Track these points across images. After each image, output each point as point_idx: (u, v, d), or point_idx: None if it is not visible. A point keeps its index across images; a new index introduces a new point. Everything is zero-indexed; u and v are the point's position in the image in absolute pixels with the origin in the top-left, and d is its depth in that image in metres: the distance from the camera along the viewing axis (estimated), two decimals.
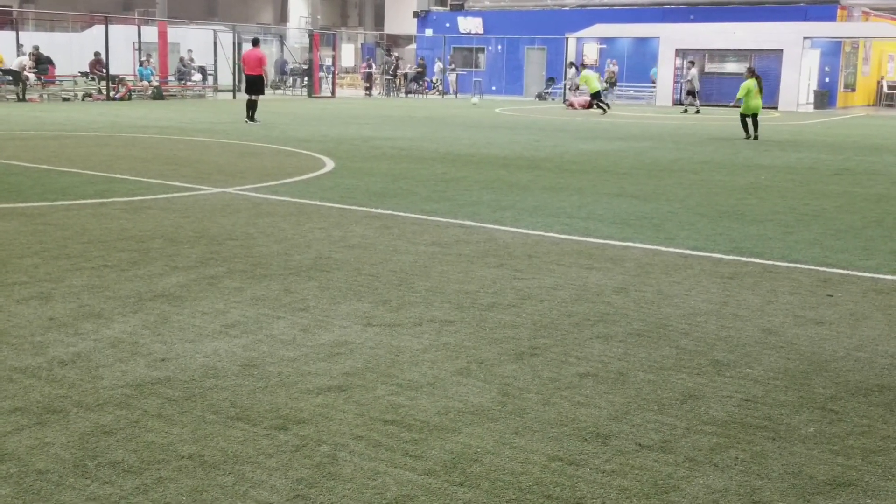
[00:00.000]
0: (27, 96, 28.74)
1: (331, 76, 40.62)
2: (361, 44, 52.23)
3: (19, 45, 31.26)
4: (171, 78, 34.65)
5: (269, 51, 42.23)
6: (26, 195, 9.58)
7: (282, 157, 13.97)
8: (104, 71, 30.87)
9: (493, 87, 43.06)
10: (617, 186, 11.60)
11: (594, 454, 3.52)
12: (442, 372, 4.41)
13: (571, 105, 31.42)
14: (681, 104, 34.11)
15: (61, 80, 31.05)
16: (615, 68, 30.03)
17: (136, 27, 35.97)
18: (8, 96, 28.81)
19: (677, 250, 7.56)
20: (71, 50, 32.41)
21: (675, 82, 36.96)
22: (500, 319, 5.36)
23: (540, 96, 40.34)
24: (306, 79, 39.34)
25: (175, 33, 36.61)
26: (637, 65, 32.98)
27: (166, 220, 8.31)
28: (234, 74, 34.30)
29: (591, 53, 41.44)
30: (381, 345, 4.82)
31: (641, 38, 39.67)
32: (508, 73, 42.82)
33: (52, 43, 32.45)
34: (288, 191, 10.29)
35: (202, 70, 35.85)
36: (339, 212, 9.03)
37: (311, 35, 39.15)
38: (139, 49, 33.94)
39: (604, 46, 41.45)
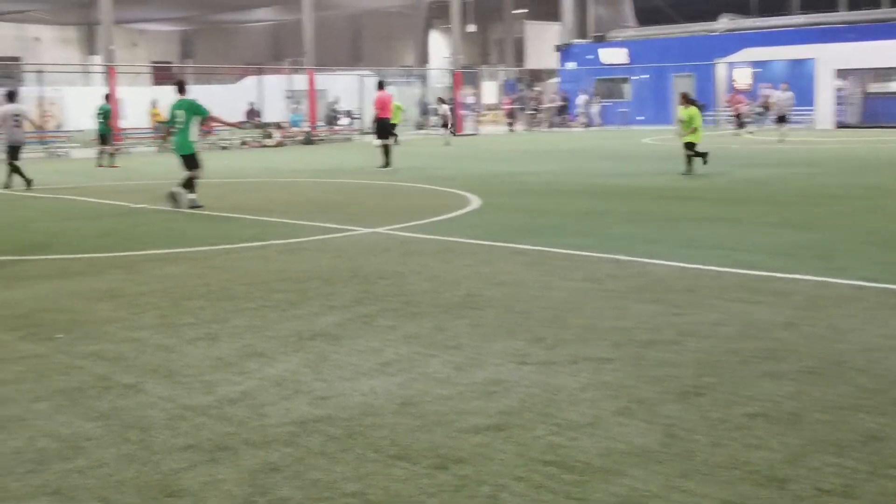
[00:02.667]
0: None
1: (474, 114, 41.09)
2: (503, 80, 52.67)
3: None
4: (320, 123, 35.88)
5: (412, 92, 43.15)
6: (191, 240, 10.04)
7: (428, 196, 14.17)
8: (258, 119, 32.29)
9: (640, 117, 42.47)
10: (778, 215, 11.15)
11: (770, 499, 3.33)
12: (602, 412, 4.30)
13: None
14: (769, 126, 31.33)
15: (219, 130, 32.65)
16: (786, 94, 28.54)
17: (287, 76, 37.55)
18: (170, 147, 30.51)
19: (849, 282, 7.14)
20: (227, 100, 34.09)
21: (838, 104, 35.40)
22: (660, 357, 5.19)
23: None
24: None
25: (323, 80, 37.95)
26: (792, 88, 31.79)
27: (321, 260, 8.52)
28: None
29: (742, 78, 40.30)
30: (538, 383, 4.75)
31: (796, 59, 38.31)
32: (655, 102, 42.12)
33: (209, 95, 34.24)
34: (435, 229, 10.39)
35: (349, 114, 36.98)
36: (487, 249, 9.04)
37: (452, 74, 39.79)
38: (290, 97, 35.38)
39: (758, 70, 40.23)
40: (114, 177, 19.50)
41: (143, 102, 32.47)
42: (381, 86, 21.71)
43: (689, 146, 17.09)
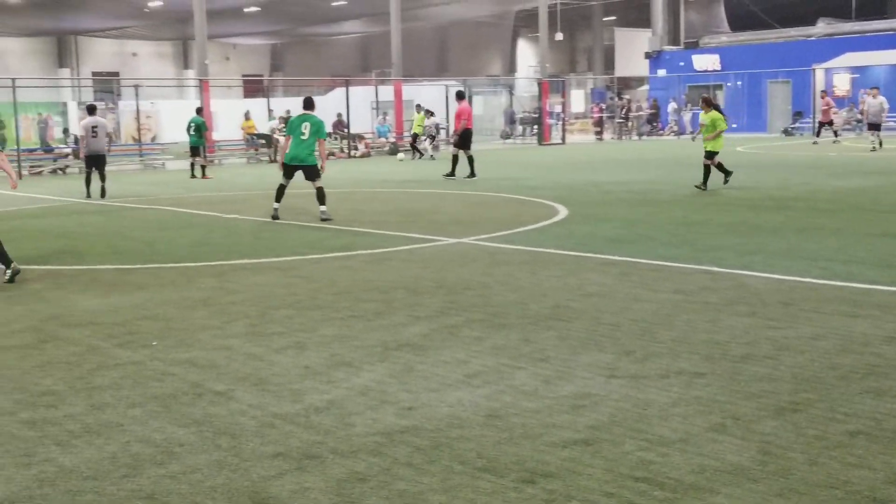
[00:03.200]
0: (278, 157, 30.90)
1: (561, 123, 40.86)
2: (591, 88, 52.25)
3: (270, 111, 33.79)
4: (406, 134, 36.14)
5: (499, 101, 43.10)
6: (279, 250, 10.20)
7: (514, 206, 14.12)
8: (346, 130, 32.70)
9: (734, 125, 41.52)
10: (879, 226, 10.75)
11: None
12: (694, 427, 4.19)
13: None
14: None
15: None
16: (876, 100, 27.25)
17: (373, 87, 37.97)
18: (261, 158, 31.15)
19: None
20: (317, 112, 34.60)
21: None
22: (756, 372, 5.03)
23: (786, 132, 38.42)
24: (536, 127, 39.79)
25: (409, 90, 38.23)
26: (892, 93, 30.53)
27: (407, 270, 8.55)
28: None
29: (841, 84, 39.09)
30: (627, 398, 4.66)
31: None
32: (749, 109, 41.13)
33: (299, 106, 34.82)
34: (522, 239, 10.33)
35: (435, 125, 37.12)
36: (574, 259, 8.94)
37: (539, 83, 39.66)
38: (377, 108, 35.74)
39: (856, 76, 38.98)
40: (207, 188, 19.99)
41: (235, 115, 33.23)
42: (460, 96, 21.51)
43: (709, 155, 15.65)
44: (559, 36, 46.44)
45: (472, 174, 19.56)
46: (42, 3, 41.28)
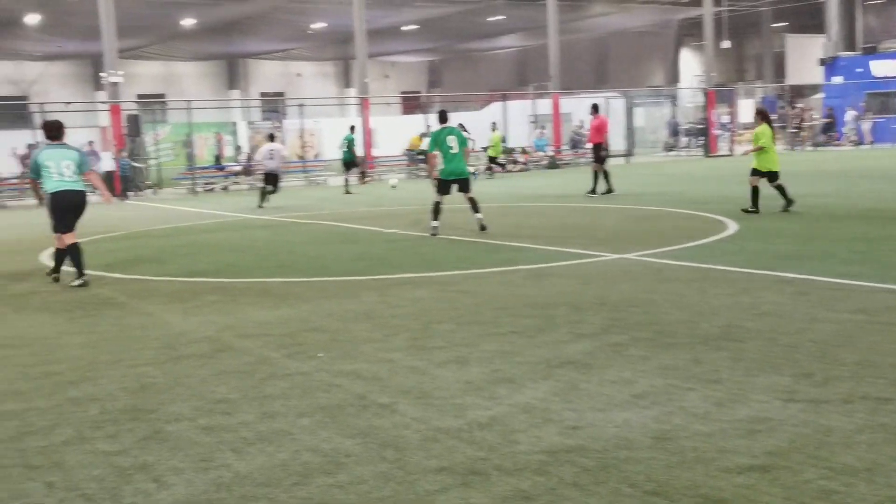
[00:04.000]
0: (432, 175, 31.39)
1: (728, 133, 39.60)
2: (761, 97, 50.39)
3: (427, 126, 34.37)
4: (564, 147, 35.93)
5: (662, 112, 42.17)
6: (440, 264, 10.28)
7: (680, 221, 13.72)
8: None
9: None
10: None
11: None
12: (881, 457, 3.90)
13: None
14: None
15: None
16: None
17: (531, 101, 37.95)
18: (421, 174, 31.65)
19: None
20: (473, 127, 34.92)
21: None
22: None
23: None
24: (702, 138, 38.71)
25: (567, 103, 38.01)
26: None
27: (568, 286, 8.43)
28: (626, 139, 34.73)
29: None
30: (807, 423, 4.39)
31: None
32: None
33: (455, 121, 35.23)
34: (689, 255, 10.00)
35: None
36: (746, 277, 8.56)
37: (705, 93, 38.58)
38: (535, 122, 35.70)
39: None
40: (367, 203, 20.47)
41: (394, 131, 33.99)
42: (595, 109, 20.87)
43: (754, 173, 14.16)
44: (726, 44, 45.11)
45: (610, 189, 19.08)
46: (214, 28, 43.57)
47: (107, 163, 27.55)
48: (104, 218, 19.04)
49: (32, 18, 37.48)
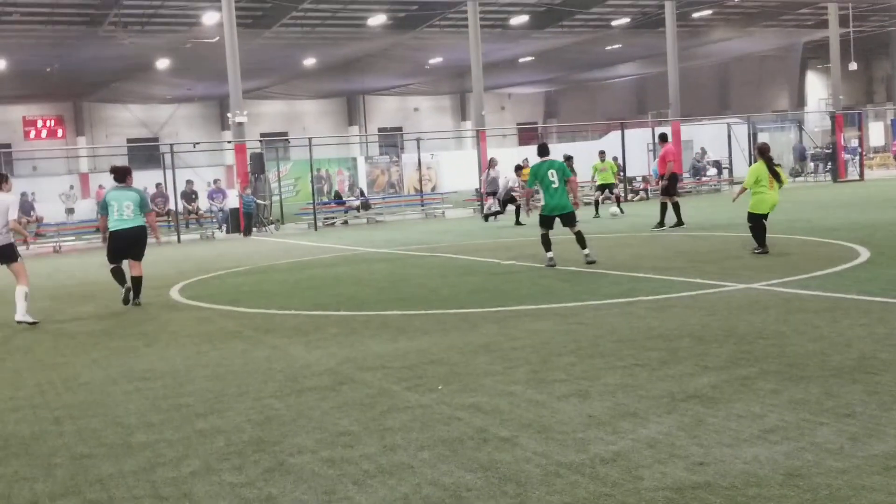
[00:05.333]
0: (526, 208, 31.26)
1: (858, 158, 38.10)
2: (892, 119, 48.33)
3: (525, 159, 34.32)
4: (685, 175, 35.25)
5: (787, 137, 40.92)
6: (559, 296, 10.19)
7: (809, 248, 13.21)
8: (622, 174, 32.40)
9: None
10: None
11: None
12: None
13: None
14: None
15: (582, 186, 33.21)
16: None
17: (650, 129, 37.45)
18: (537, 204, 31.61)
19: None
20: (592, 156, 34.66)
21: None
22: None
23: None
24: (830, 163, 37.38)
25: (688, 130, 37.33)
26: None
27: (692, 318, 8.21)
28: (749, 166, 33.82)
29: None
30: None
31: None
32: None
33: (573, 151, 35.09)
34: (819, 284, 9.61)
35: (717, 164, 35.96)
36: (881, 306, 8.16)
37: (832, 116, 37.27)
38: (653, 150, 35.16)
39: None
40: (486, 235, 20.52)
41: (511, 162, 34.05)
42: (663, 138, 19.78)
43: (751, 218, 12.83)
44: (853, 66, 43.54)
45: (680, 222, 18.19)
46: (334, 67, 44.83)
47: (232, 200, 28.57)
48: (229, 254, 19.71)
49: (163, 63, 39.41)
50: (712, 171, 35.78)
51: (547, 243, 12.84)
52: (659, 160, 19.45)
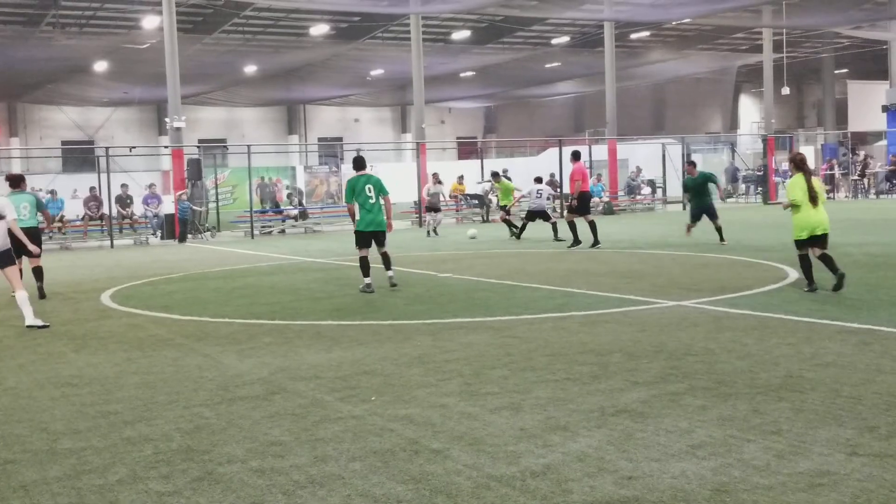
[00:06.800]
0: (490, 217, 31.42)
1: (788, 180, 39.06)
2: (822, 144, 49.70)
3: (482, 171, 34.49)
4: (620, 193, 35.76)
5: (720, 159, 41.80)
6: (494, 309, 10.24)
7: (739, 268, 13.50)
8: (558, 190, 32.75)
9: None
10: None
11: None
12: None
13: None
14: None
15: (520, 202, 33.52)
16: None
17: (587, 146, 37.92)
18: (474, 218, 31.74)
19: None
20: (527, 172, 34.98)
21: None
22: None
23: None
24: (760, 185, 38.25)
25: (624, 149, 37.88)
26: None
27: (623, 333, 8.32)
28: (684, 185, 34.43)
29: None
30: (871, 477, 4.26)
31: None
32: None
33: (511, 166, 35.33)
34: (748, 303, 9.82)
35: (651, 183, 36.52)
36: (807, 326, 8.37)
37: (764, 140, 38.18)
38: (590, 168, 35.60)
39: None
40: (421, 247, 20.53)
41: (450, 176, 34.17)
42: (576, 156, 18.87)
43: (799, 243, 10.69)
44: (786, 90, 44.67)
45: (596, 242, 17.83)
46: (275, 75, 44.47)
47: (167, 206, 28.11)
48: (163, 260, 19.39)
49: (100, 66, 38.68)
50: (647, 190, 36.34)
51: (366, 267, 12.21)
52: (570, 178, 18.83)
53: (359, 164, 12.59)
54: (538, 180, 22.72)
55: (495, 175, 25.74)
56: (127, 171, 28.88)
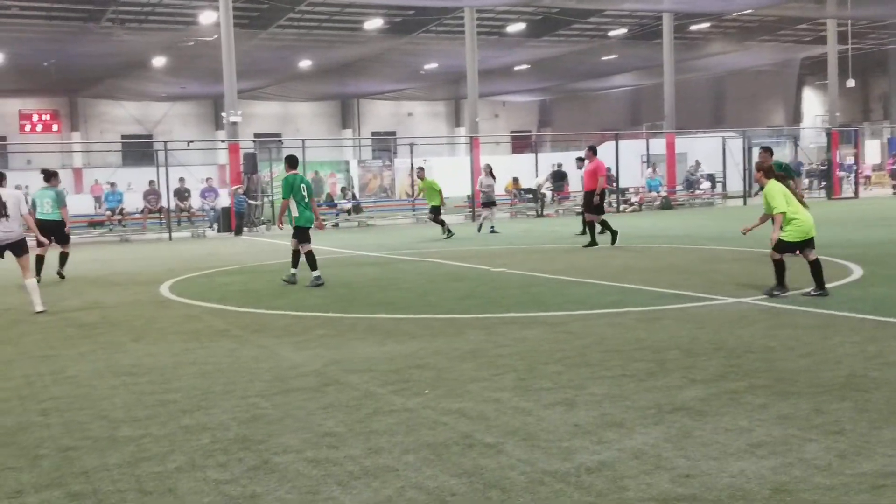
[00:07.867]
0: (545, 212, 31.27)
1: (853, 175, 38.21)
2: (888, 138, 48.53)
3: (537, 165, 34.35)
4: (678, 187, 35.33)
5: (783, 153, 41.06)
6: (548, 305, 10.16)
7: (801, 265, 13.19)
8: (615, 185, 32.46)
9: None
10: None
11: None
12: None
13: None
14: None
15: (574, 195, 33.31)
16: None
17: (644, 140, 37.51)
18: (528, 213, 31.61)
19: None
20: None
21: None
22: None
23: None
24: (824, 180, 37.50)
25: (682, 143, 37.39)
26: None
27: (681, 330, 8.20)
28: (744, 180, 33.89)
29: None
30: None
31: None
32: None
33: (567, 161, 35.13)
34: (811, 301, 9.61)
35: (710, 178, 36.02)
36: (872, 324, 8.16)
37: (828, 133, 37.41)
38: (647, 161, 35.24)
39: None
40: (477, 242, 20.49)
41: (503, 170, 34.10)
42: (592, 151, 18.05)
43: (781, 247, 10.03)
44: (851, 83, 43.70)
45: (593, 243, 17.05)
46: (329, 70, 44.77)
47: (223, 199, 28.48)
48: (219, 253, 19.65)
49: (158, 61, 39.32)
50: (706, 185, 35.83)
51: (312, 262, 12.70)
52: (587, 174, 17.70)
53: (292, 162, 13.15)
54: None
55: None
56: (184, 164, 29.35)
